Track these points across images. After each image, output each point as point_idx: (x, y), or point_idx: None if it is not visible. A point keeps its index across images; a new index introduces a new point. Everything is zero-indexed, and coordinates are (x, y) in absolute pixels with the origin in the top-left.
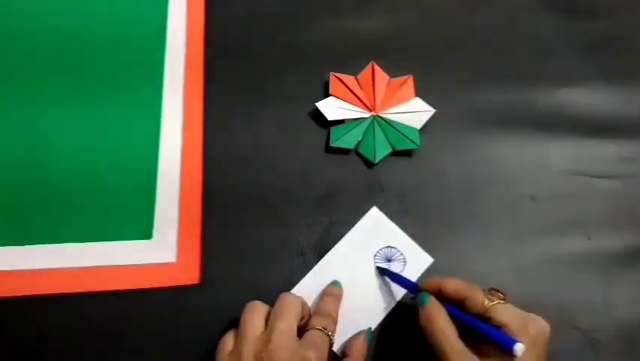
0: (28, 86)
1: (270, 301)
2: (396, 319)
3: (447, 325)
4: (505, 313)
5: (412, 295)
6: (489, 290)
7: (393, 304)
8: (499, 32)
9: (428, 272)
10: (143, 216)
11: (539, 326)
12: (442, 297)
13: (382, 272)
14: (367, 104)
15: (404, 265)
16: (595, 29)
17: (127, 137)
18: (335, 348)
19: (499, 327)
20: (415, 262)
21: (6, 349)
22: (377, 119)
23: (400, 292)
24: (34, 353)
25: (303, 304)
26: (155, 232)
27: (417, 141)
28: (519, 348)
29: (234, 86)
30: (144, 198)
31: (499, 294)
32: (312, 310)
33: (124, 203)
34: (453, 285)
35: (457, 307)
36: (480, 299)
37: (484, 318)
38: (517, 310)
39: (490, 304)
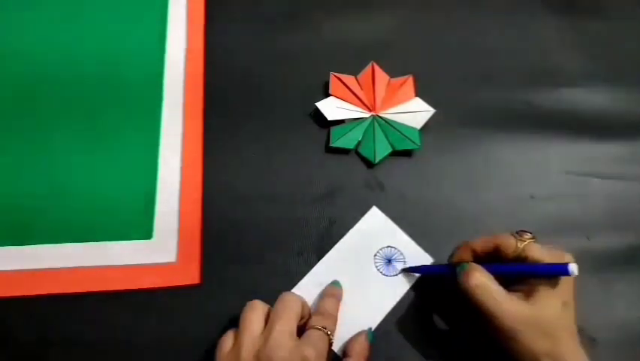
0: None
1: (270, 301)
2: (396, 319)
3: (487, 277)
4: (539, 250)
5: (449, 275)
6: (517, 232)
7: (393, 304)
8: (499, 32)
9: None
10: (143, 216)
11: (569, 257)
12: (476, 260)
13: (409, 270)
14: (367, 104)
15: (404, 265)
16: (595, 29)
17: (127, 135)
18: (335, 348)
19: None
20: (414, 262)
21: (6, 349)
22: (377, 119)
23: (400, 292)
24: (35, 353)
25: (303, 303)
26: (155, 231)
27: (417, 141)
28: (574, 267)
29: (234, 85)
30: (144, 198)
31: (528, 234)
32: (312, 310)
33: (124, 203)
34: (482, 240)
35: (490, 262)
36: (512, 242)
37: (519, 260)
38: (547, 247)
39: (523, 244)
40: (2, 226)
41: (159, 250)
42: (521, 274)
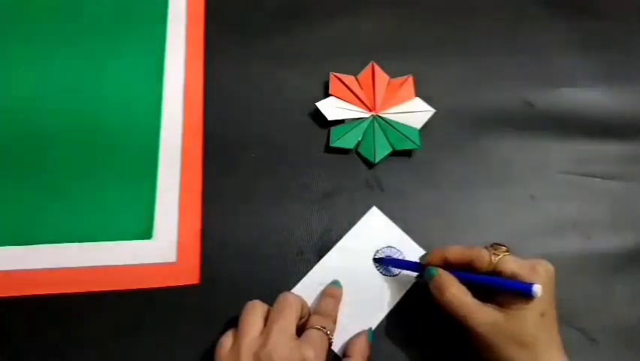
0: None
1: (270, 301)
2: (396, 319)
3: (459, 288)
4: (513, 263)
5: (417, 275)
6: (491, 246)
7: (393, 304)
8: (499, 32)
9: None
10: (143, 216)
11: (546, 267)
12: (448, 267)
13: (381, 262)
14: (367, 104)
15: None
16: (595, 29)
17: (127, 135)
18: (335, 348)
19: (510, 278)
20: None
21: (6, 349)
22: (377, 119)
23: (400, 291)
24: (35, 353)
25: (303, 303)
26: (155, 232)
27: (417, 141)
28: (537, 289)
29: (234, 86)
30: (144, 198)
31: (502, 247)
32: (311, 310)
33: (124, 203)
34: (456, 250)
35: (463, 271)
36: (486, 257)
37: (494, 273)
38: (522, 259)
39: (497, 258)
40: (2, 226)
41: (159, 250)
42: (489, 287)
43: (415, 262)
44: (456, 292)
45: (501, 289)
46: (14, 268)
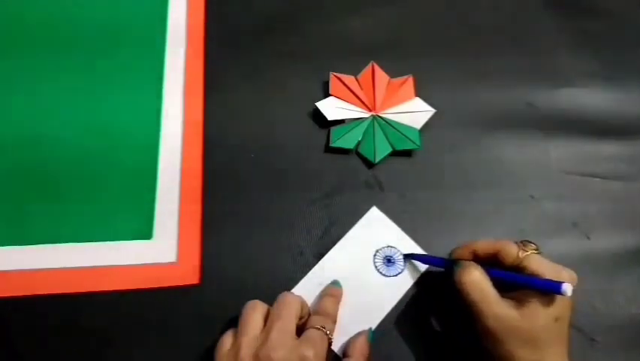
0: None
1: (270, 300)
2: (396, 319)
3: (481, 276)
4: (539, 263)
5: (447, 270)
6: (522, 242)
7: (393, 304)
8: (499, 32)
9: (428, 272)
10: (143, 216)
11: (571, 275)
12: (476, 260)
13: (409, 257)
14: (367, 104)
15: (404, 265)
16: (595, 29)
17: (127, 135)
18: (335, 348)
19: (533, 276)
20: (414, 262)
21: (6, 349)
22: (377, 119)
23: (400, 292)
24: (34, 353)
25: (303, 303)
26: (155, 232)
27: (417, 141)
28: (567, 288)
29: (234, 85)
30: (144, 198)
31: (532, 245)
32: (311, 310)
33: (124, 203)
34: (484, 243)
35: (491, 265)
36: (513, 250)
37: (517, 269)
38: (548, 261)
39: (525, 254)
40: (2, 226)
41: (159, 250)
42: (516, 284)
43: (445, 259)
44: (478, 279)
45: (528, 286)
46: (14, 268)
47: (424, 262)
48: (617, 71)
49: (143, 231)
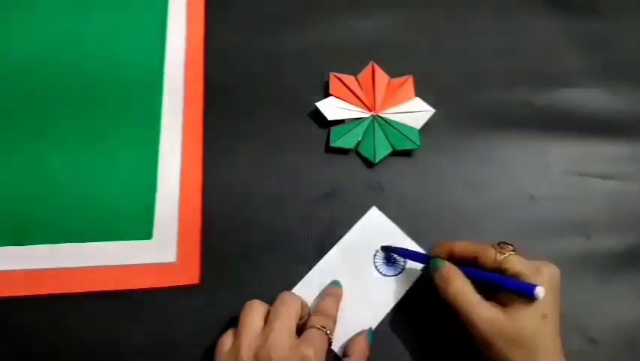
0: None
1: (270, 301)
2: (396, 319)
3: (464, 282)
4: (518, 263)
5: (424, 266)
6: (498, 244)
7: (393, 304)
8: (499, 32)
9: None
10: (143, 216)
11: (551, 270)
12: (453, 261)
13: (388, 250)
14: (367, 104)
15: (404, 265)
16: (595, 29)
17: (128, 135)
18: (335, 348)
19: (514, 277)
20: (414, 262)
21: (6, 349)
22: (377, 119)
23: (400, 292)
24: (34, 353)
25: (303, 303)
26: (155, 232)
27: (417, 141)
28: (540, 291)
29: (234, 86)
30: (144, 198)
31: (509, 246)
32: (311, 310)
33: (124, 203)
34: (462, 245)
35: (469, 267)
36: (491, 254)
37: (498, 271)
38: (527, 260)
39: (502, 256)
40: (2, 226)
41: (159, 250)
42: (493, 285)
43: (422, 253)
44: (460, 285)
45: (504, 288)
46: (14, 268)
47: (404, 257)
48: (616, 71)
49: (143, 231)
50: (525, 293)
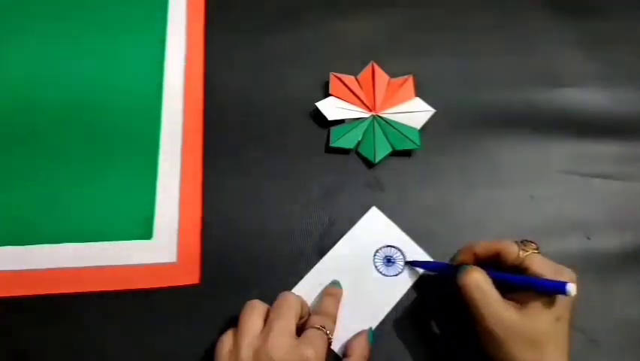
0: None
1: (270, 301)
2: (396, 319)
3: (485, 277)
4: (540, 263)
5: (450, 275)
6: (522, 241)
7: (393, 304)
8: (498, 32)
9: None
10: (143, 216)
11: (571, 274)
12: (477, 263)
13: (412, 264)
14: (367, 104)
15: (404, 265)
16: (595, 29)
17: (127, 136)
18: (335, 348)
19: (535, 276)
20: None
21: (6, 349)
22: (377, 119)
23: (400, 292)
24: (34, 353)
25: (303, 303)
26: (155, 232)
27: (417, 141)
28: (571, 288)
29: (234, 86)
30: (144, 198)
31: (532, 244)
32: (311, 310)
33: (124, 203)
34: (484, 245)
35: (493, 267)
36: (514, 250)
37: (519, 269)
38: (549, 260)
39: (525, 254)
40: (2, 226)
41: (159, 250)
42: (520, 285)
43: (448, 265)
44: (480, 279)
45: (531, 288)
46: (14, 268)
47: (427, 269)
48: (617, 71)
49: (143, 231)
50: (556, 291)
